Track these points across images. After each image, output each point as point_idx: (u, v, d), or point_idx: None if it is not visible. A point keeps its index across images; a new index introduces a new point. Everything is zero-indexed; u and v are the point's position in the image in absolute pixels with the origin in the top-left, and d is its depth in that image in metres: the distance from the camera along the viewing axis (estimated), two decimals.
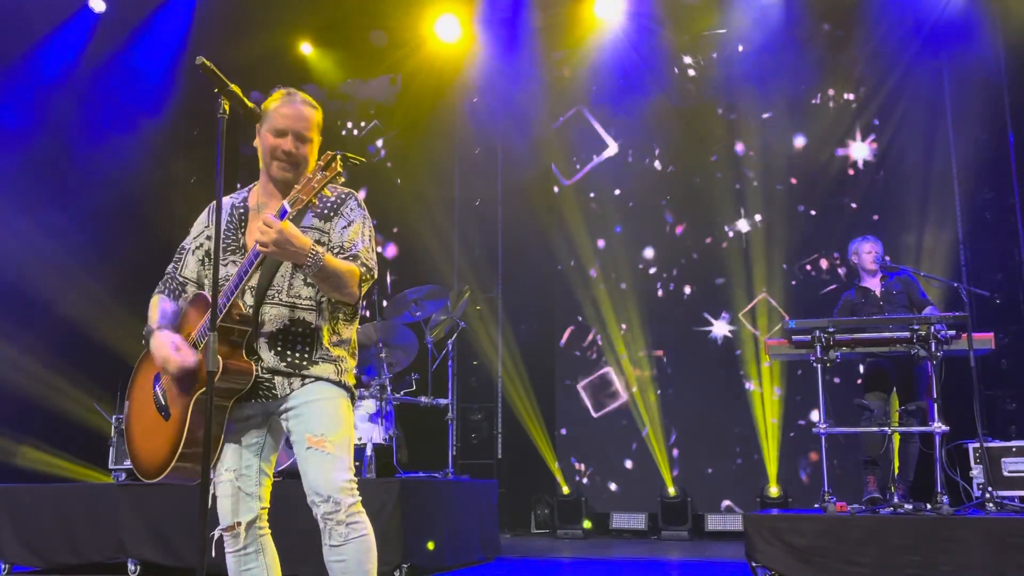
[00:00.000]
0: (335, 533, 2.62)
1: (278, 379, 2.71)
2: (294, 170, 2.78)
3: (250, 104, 2.67)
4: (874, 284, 6.26)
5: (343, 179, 2.54)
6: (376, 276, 2.79)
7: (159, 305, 2.83)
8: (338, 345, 2.80)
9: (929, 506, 4.99)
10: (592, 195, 9.04)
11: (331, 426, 2.69)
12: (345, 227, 2.78)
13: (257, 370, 2.68)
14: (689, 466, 8.29)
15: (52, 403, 7.90)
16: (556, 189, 9.17)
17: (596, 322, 8.82)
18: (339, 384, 2.76)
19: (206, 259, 2.89)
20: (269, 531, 2.84)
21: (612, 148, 9.07)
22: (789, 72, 8.38)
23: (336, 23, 9.05)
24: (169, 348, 2.65)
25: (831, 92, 8.35)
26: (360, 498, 2.68)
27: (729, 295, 8.39)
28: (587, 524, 8.17)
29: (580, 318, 8.91)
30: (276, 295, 2.73)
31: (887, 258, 6.19)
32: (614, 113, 8.99)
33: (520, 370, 9.07)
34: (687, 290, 8.63)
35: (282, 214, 2.51)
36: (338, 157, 2.52)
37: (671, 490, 8.03)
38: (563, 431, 8.83)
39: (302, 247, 2.52)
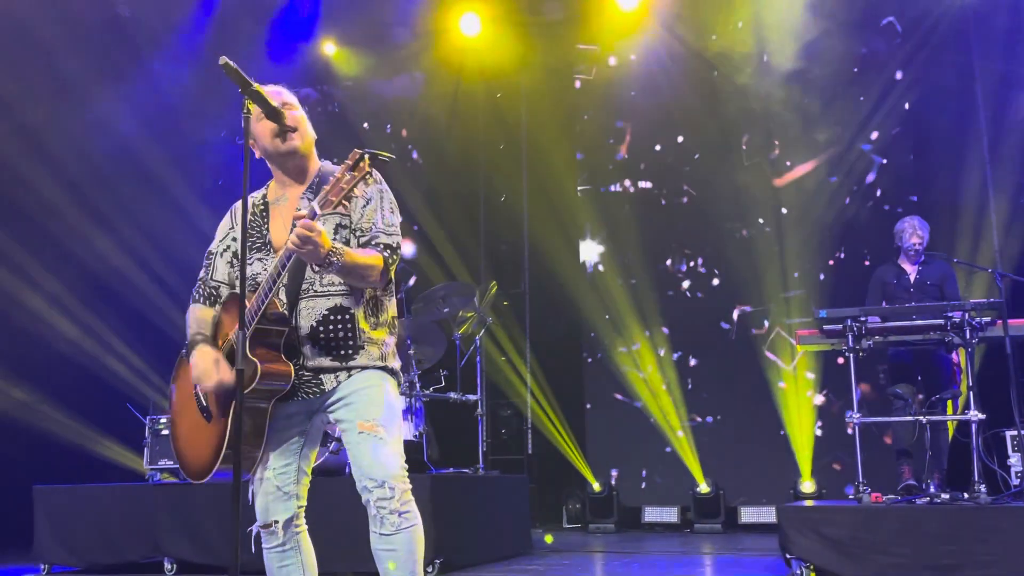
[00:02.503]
0: (387, 521, 2.61)
1: (324, 375, 2.71)
2: (300, 137, 2.77)
3: (273, 103, 2.68)
4: (911, 268, 6.18)
5: (373, 179, 2.51)
6: (401, 251, 2.78)
7: (197, 315, 2.85)
8: (377, 326, 2.78)
9: (966, 495, 4.92)
10: (618, 188, 9.00)
11: (382, 412, 2.68)
12: (364, 206, 2.77)
13: (300, 369, 2.68)
14: (721, 459, 8.24)
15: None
16: (581, 183, 9.14)
17: (624, 316, 8.78)
18: (384, 369, 2.76)
19: (234, 260, 2.91)
20: (306, 528, 2.85)
21: (636, 141, 9.01)
22: (816, 58, 8.29)
23: (358, 21, 9.08)
24: (211, 363, 2.66)
25: (859, 77, 8.23)
26: (411, 486, 2.68)
27: (759, 287, 8.32)
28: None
29: (608, 316, 8.87)
30: (310, 287, 2.73)
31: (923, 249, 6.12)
32: (639, 105, 8.93)
33: (548, 364, 9.06)
34: (716, 283, 8.57)
35: (312, 217, 2.48)
36: (366, 156, 2.48)
37: (703, 484, 7.98)
38: (593, 425, 8.80)
39: (324, 251, 2.51)
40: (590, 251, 9.02)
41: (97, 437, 8.15)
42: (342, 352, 2.71)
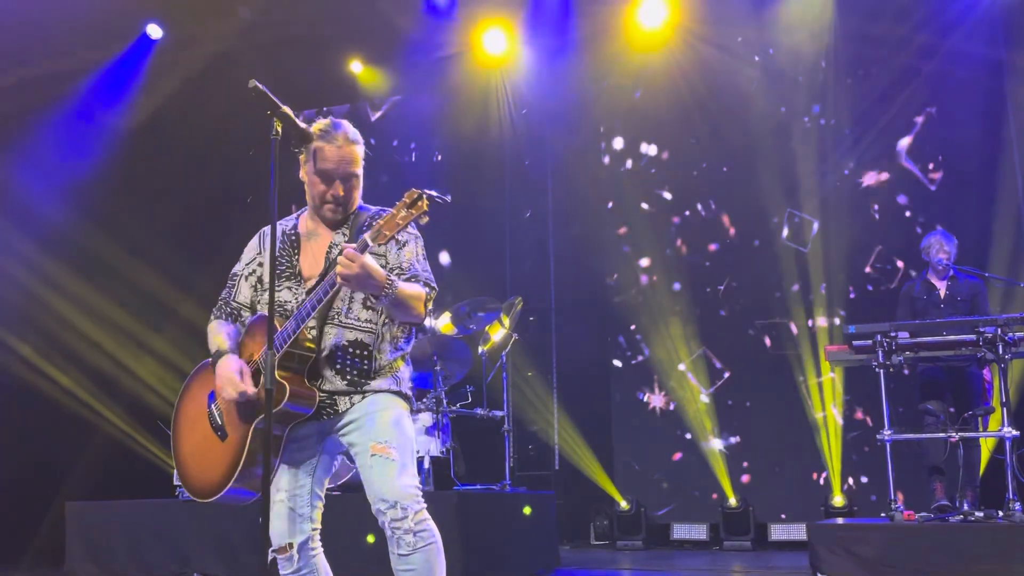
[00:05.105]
0: (403, 542, 2.62)
1: (338, 397, 2.76)
2: (344, 212, 2.86)
3: (302, 125, 2.71)
4: (940, 284, 6.11)
5: (427, 219, 2.55)
6: (437, 291, 2.86)
7: (221, 328, 2.87)
8: (394, 360, 2.85)
9: (1001, 513, 4.85)
10: (645, 206, 8.98)
11: (393, 433, 2.71)
12: (400, 249, 2.84)
13: (320, 394, 2.72)
14: (751, 475, 8.17)
15: None
16: (607, 198, 9.14)
17: (650, 331, 8.74)
18: (398, 394, 2.81)
19: (258, 285, 2.95)
20: (321, 550, 2.86)
21: (663, 154, 9.00)
22: (842, 70, 8.25)
23: (384, 39, 9.16)
24: (234, 373, 2.68)
25: (887, 90, 8.16)
26: (426, 505, 2.69)
27: (787, 302, 8.25)
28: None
29: (633, 326, 8.84)
30: (336, 316, 2.79)
31: (953, 264, 6.05)
32: (663, 119, 8.92)
33: (575, 380, 9.03)
34: (743, 295, 8.50)
35: (363, 249, 2.55)
36: (424, 197, 2.54)
37: (732, 500, 7.91)
38: (620, 441, 8.75)
39: (380, 280, 2.58)
40: (616, 265, 9.00)
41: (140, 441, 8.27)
42: (358, 376, 2.77)
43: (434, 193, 2.58)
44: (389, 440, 2.69)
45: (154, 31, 8.69)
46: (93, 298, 8.16)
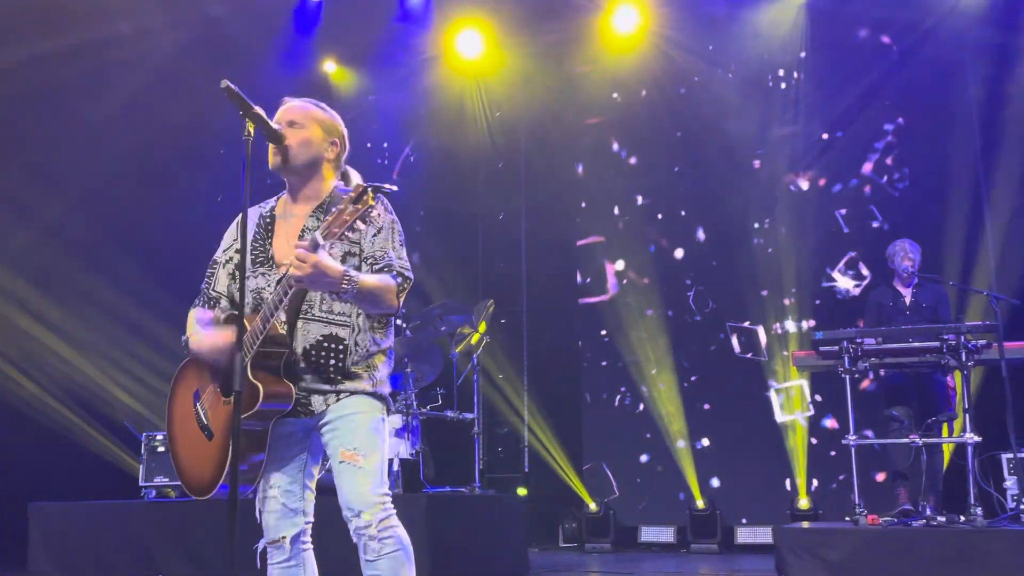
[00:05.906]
0: (369, 548, 2.64)
1: (314, 396, 2.73)
2: (284, 159, 2.80)
3: (274, 126, 2.71)
4: (906, 291, 6.20)
5: (384, 210, 2.54)
6: (412, 280, 2.81)
7: (199, 315, 2.87)
8: (372, 355, 2.80)
9: (963, 518, 4.93)
10: (617, 211, 9.02)
11: (364, 440, 2.70)
12: (375, 235, 2.79)
13: (295, 390, 2.71)
14: (718, 478, 8.23)
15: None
16: (580, 201, 9.17)
17: (621, 333, 8.78)
18: (374, 395, 2.78)
19: (236, 273, 2.92)
20: (311, 546, 2.87)
21: (636, 158, 9.05)
22: (811, 78, 8.35)
23: (358, 40, 9.13)
24: (208, 334, 2.72)
25: (857, 97, 8.25)
26: (394, 511, 2.70)
27: (756, 307, 8.32)
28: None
29: (604, 330, 8.88)
30: (309, 310, 2.75)
31: (918, 271, 6.13)
32: (636, 123, 8.97)
33: (546, 383, 9.06)
34: (713, 300, 8.57)
35: (314, 247, 2.50)
36: (369, 190, 2.51)
37: (700, 502, 7.97)
38: (589, 444, 8.78)
39: (335, 278, 2.53)
40: (588, 268, 9.03)
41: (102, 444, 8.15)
42: (333, 376, 2.73)
43: (380, 184, 2.56)
44: (359, 447, 2.69)
45: (123, 28, 8.58)
46: (57, 309, 8.05)
